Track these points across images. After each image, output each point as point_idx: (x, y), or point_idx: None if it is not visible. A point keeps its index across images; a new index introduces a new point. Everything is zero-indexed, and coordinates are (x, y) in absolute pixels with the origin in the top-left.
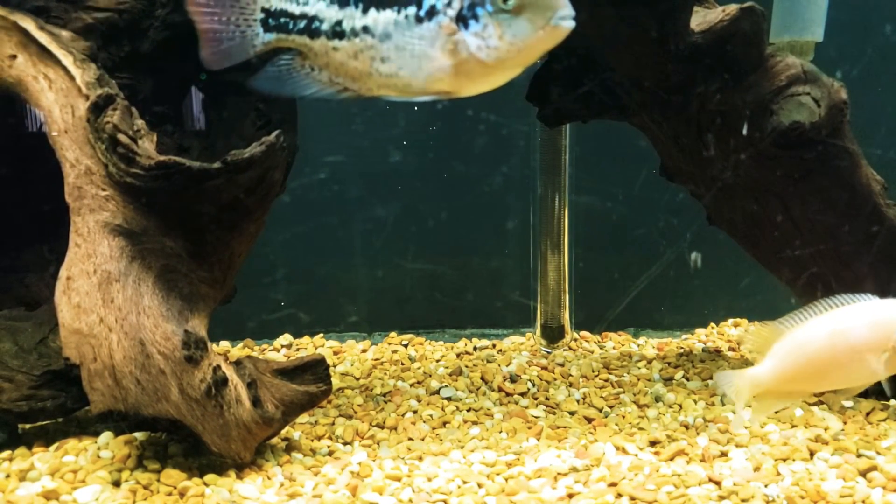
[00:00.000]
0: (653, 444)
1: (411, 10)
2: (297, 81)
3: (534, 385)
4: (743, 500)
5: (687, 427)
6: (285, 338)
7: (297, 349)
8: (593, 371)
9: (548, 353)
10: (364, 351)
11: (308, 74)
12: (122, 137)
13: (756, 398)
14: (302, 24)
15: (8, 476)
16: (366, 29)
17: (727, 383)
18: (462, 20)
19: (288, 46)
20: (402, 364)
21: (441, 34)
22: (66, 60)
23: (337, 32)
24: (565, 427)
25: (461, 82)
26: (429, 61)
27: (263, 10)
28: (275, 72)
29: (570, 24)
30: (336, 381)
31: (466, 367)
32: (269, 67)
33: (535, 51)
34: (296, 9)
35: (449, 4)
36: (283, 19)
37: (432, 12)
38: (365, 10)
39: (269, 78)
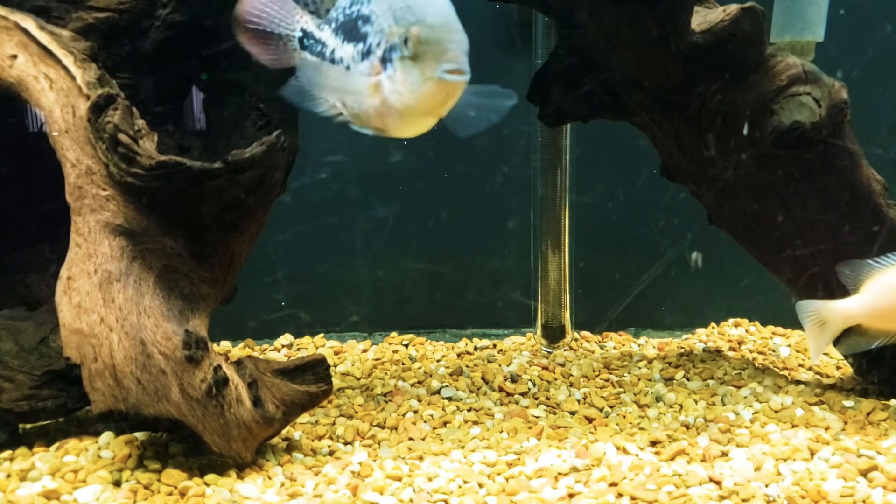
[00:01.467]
0: (653, 443)
1: (360, 45)
2: (312, 98)
3: (534, 385)
4: (744, 500)
5: (688, 427)
6: (286, 338)
7: (298, 349)
8: (594, 371)
9: (548, 352)
10: (365, 351)
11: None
12: (122, 137)
13: (851, 334)
14: (319, 48)
15: (9, 476)
16: (342, 59)
17: (813, 313)
18: (384, 62)
19: None
20: (403, 364)
21: (372, 73)
22: (67, 60)
23: (332, 59)
24: (566, 427)
25: (386, 122)
26: (364, 97)
27: (302, 30)
28: (298, 86)
29: (455, 79)
30: (337, 381)
31: (467, 366)
32: (293, 81)
33: (431, 100)
34: (318, 33)
35: (379, 45)
36: (310, 41)
37: (369, 51)
38: (343, 42)
39: (293, 91)
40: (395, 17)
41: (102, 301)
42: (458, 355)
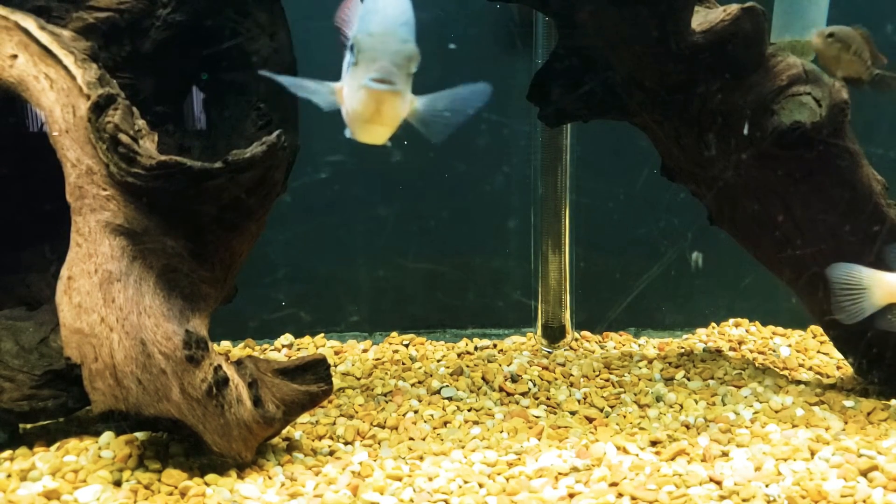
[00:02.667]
0: (654, 443)
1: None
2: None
3: (535, 385)
4: (744, 500)
5: (688, 427)
6: (286, 337)
7: (299, 349)
8: (594, 371)
9: (549, 352)
10: (365, 351)
11: None
12: (123, 137)
13: (891, 312)
14: None
15: (9, 476)
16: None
17: (857, 278)
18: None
19: None
20: (403, 364)
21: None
22: (68, 60)
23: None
24: (566, 427)
25: (352, 127)
26: (332, 102)
27: None
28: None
29: (376, 87)
30: (337, 381)
31: (467, 366)
32: None
33: (365, 108)
34: None
35: (349, 51)
36: None
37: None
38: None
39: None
40: (358, 25)
41: (103, 301)
42: (459, 355)
